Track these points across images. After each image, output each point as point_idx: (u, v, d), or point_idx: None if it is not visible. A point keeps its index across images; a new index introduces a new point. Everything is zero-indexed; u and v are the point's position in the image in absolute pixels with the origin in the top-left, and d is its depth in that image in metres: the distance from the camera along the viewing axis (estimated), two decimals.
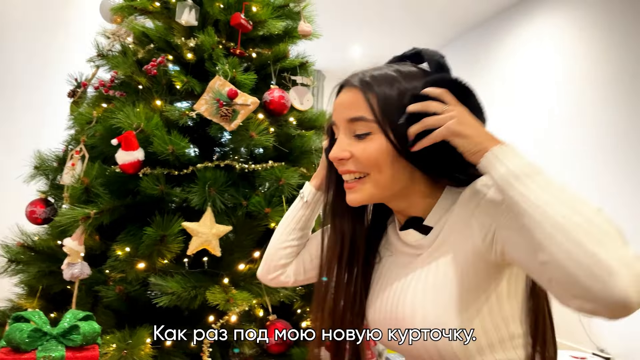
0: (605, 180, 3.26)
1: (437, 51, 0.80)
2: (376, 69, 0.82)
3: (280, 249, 1.01)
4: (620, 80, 3.22)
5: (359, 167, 0.79)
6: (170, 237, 1.47)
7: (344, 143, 0.80)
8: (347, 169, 0.81)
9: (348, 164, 0.80)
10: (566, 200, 0.60)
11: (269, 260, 1.02)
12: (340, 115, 0.82)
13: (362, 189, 0.81)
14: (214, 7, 1.73)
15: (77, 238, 1.46)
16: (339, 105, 0.83)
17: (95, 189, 1.52)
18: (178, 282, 1.47)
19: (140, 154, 1.50)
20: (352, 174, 0.81)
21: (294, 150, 1.79)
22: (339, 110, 0.82)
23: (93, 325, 1.09)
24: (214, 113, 1.56)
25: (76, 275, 1.45)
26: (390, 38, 5.00)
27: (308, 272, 1.01)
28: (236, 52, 1.72)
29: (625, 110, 3.17)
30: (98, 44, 1.87)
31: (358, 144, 0.79)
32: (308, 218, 1.01)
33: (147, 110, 1.56)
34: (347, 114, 0.80)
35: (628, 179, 3.12)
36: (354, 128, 0.80)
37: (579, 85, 3.56)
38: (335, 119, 0.84)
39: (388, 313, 0.83)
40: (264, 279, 1.04)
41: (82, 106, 1.83)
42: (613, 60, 3.30)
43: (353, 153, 0.79)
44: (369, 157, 0.78)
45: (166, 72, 1.68)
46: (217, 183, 1.54)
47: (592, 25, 3.48)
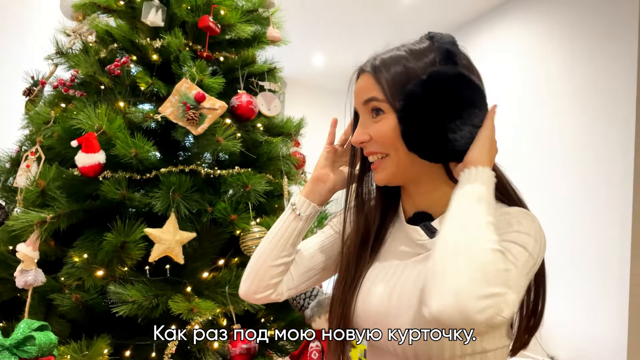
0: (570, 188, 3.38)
1: (449, 36, 0.81)
2: (388, 50, 0.84)
3: (271, 267, 0.92)
4: (583, 93, 3.35)
5: (379, 147, 0.82)
6: (132, 244, 1.41)
7: (363, 126, 0.83)
8: (370, 151, 0.84)
9: (370, 145, 0.83)
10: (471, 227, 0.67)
11: (257, 280, 0.93)
12: (357, 101, 0.85)
13: (385, 167, 0.83)
14: (181, 9, 1.69)
15: (31, 243, 1.38)
16: (356, 92, 0.86)
17: (52, 192, 1.45)
18: (139, 290, 1.42)
19: (102, 156, 1.44)
20: (375, 155, 0.84)
21: (261, 157, 1.76)
22: (356, 96, 0.85)
23: (49, 335, 1.04)
24: (180, 116, 1.52)
25: (30, 282, 1.37)
26: (354, 47, 5.04)
27: (301, 284, 0.96)
28: (203, 55, 1.68)
29: (587, 121, 3.30)
30: (57, 42, 1.80)
31: (374, 125, 0.82)
32: (300, 232, 0.94)
33: (109, 112, 1.50)
34: (361, 97, 0.83)
35: (589, 186, 3.23)
36: (369, 110, 0.82)
37: (540, 98, 3.68)
38: (355, 106, 0.87)
39: (381, 307, 0.82)
40: (250, 298, 0.95)
41: (39, 105, 1.75)
42: (575, 75, 3.43)
43: (371, 134, 0.82)
44: (384, 136, 0.80)
45: (130, 72, 1.63)
46: (181, 188, 1.50)
47: (553, 39, 3.61)
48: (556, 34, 3.55)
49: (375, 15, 4.36)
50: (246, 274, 0.95)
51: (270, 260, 0.92)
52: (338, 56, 5.49)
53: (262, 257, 0.93)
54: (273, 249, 0.93)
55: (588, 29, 3.29)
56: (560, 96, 3.48)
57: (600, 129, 3.15)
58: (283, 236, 0.93)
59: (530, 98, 3.73)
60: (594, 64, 3.23)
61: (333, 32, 4.81)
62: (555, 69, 3.53)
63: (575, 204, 3.30)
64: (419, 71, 0.77)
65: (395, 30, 4.60)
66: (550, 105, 3.55)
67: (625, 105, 2.98)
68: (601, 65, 3.18)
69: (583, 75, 3.31)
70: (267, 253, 0.93)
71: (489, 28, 4.20)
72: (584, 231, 3.21)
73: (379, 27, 4.58)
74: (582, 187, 3.25)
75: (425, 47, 0.81)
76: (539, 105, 3.66)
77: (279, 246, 0.92)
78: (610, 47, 3.12)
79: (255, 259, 0.94)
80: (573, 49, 3.40)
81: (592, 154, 3.20)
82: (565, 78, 3.45)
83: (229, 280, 1.54)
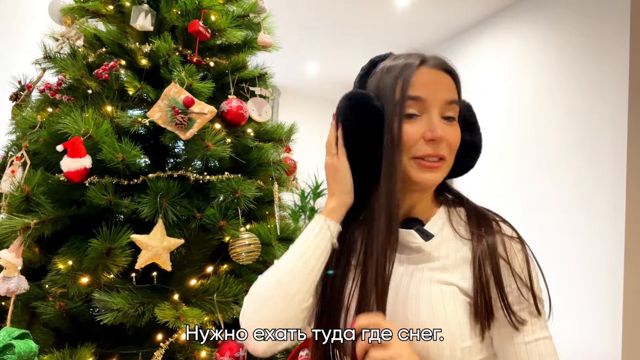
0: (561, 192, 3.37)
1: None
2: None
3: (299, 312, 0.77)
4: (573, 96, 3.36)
5: (446, 150, 0.81)
6: (118, 250, 1.38)
7: (438, 124, 0.79)
8: (438, 152, 0.80)
9: (441, 146, 0.80)
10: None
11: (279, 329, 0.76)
12: (437, 94, 0.80)
13: (443, 170, 0.82)
14: (171, 13, 1.67)
15: (14, 250, 1.35)
16: (435, 83, 0.80)
17: (37, 198, 1.42)
18: (124, 297, 1.39)
19: (88, 161, 1.42)
20: (436, 157, 0.80)
21: (251, 162, 1.74)
22: (435, 88, 0.80)
23: (29, 344, 1.01)
24: (169, 121, 1.50)
25: (12, 290, 1.34)
26: (348, 56, 5.05)
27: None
28: (193, 60, 1.67)
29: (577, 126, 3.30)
30: (45, 46, 1.77)
31: (449, 128, 0.80)
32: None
33: (96, 116, 1.47)
34: (447, 95, 0.80)
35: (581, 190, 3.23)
36: (446, 111, 0.80)
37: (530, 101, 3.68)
38: (426, 96, 0.79)
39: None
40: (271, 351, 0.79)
41: (26, 110, 1.72)
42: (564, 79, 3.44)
43: (446, 136, 0.79)
44: (456, 142, 0.82)
45: (118, 77, 1.61)
46: (169, 194, 1.47)
47: (544, 43, 3.62)
48: (546, 38, 3.56)
49: (369, 25, 4.38)
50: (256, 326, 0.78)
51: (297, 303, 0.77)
52: (332, 65, 5.50)
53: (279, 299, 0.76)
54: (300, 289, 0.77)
55: (578, 32, 3.31)
56: (551, 99, 3.49)
57: (590, 133, 3.16)
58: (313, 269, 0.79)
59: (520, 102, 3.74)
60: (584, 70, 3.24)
61: (327, 41, 4.82)
62: (545, 74, 3.54)
63: (567, 208, 3.29)
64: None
65: (389, 42, 4.61)
66: (541, 109, 3.56)
67: (616, 108, 2.99)
68: (591, 68, 3.19)
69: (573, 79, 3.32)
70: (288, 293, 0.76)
71: (482, 35, 4.22)
72: (577, 236, 3.20)
73: (373, 38, 4.59)
74: (574, 191, 3.25)
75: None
76: (529, 109, 3.66)
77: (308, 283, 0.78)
78: (601, 51, 3.13)
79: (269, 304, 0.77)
80: (562, 53, 3.42)
81: (583, 158, 3.20)
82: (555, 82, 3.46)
83: (217, 288, 1.52)
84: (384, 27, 4.41)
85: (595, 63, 3.16)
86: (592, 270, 3.07)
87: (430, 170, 0.80)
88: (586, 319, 3.10)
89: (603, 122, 3.06)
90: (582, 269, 3.15)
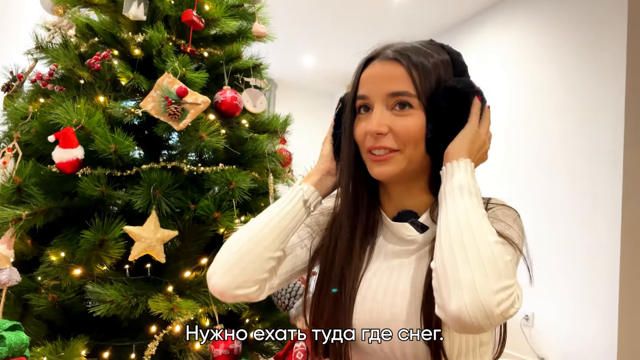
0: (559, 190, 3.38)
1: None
2: (403, 43, 0.82)
3: (267, 259, 0.79)
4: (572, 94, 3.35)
5: (397, 142, 0.77)
6: (111, 242, 1.37)
7: (384, 117, 0.77)
8: (381, 145, 0.78)
9: (384, 139, 0.77)
10: (472, 222, 0.66)
11: (247, 272, 0.78)
12: (378, 89, 0.78)
13: (395, 162, 0.78)
14: (164, 3, 1.65)
15: (6, 242, 1.34)
16: (376, 78, 0.79)
17: (29, 189, 1.41)
18: (118, 289, 1.38)
19: (80, 152, 1.40)
20: (384, 149, 0.78)
21: (246, 154, 1.73)
22: (376, 83, 0.78)
23: (21, 335, 1.00)
24: (162, 111, 1.48)
25: (4, 282, 1.32)
26: (344, 49, 5.03)
27: (281, 284, 0.86)
28: (187, 50, 1.65)
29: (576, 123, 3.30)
30: (37, 36, 1.75)
31: (397, 119, 0.77)
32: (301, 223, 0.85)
33: (88, 107, 1.46)
34: (388, 87, 0.77)
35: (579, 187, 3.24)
36: (393, 102, 0.77)
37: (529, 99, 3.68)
38: (369, 93, 0.79)
39: (375, 308, 0.80)
40: (229, 294, 0.79)
41: (17, 101, 1.70)
42: (564, 76, 3.43)
43: (392, 128, 0.77)
44: (410, 133, 0.76)
45: (111, 67, 1.59)
46: (163, 185, 1.46)
47: (542, 40, 3.61)
48: (545, 35, 3.55)
49: (366, 18, 4.36)
50: (227, 264, 0.79)
51: (268, 250, 0.79)
52: (328, 58, 5.48)
53: (257, 246, 0.79)
54: (275, 238, 0.80)
55: (576, 31, 3.30)
56: (549, 98, 3.48)
57: (589, 131, 3.16)
58: (288, 225, 0.81)
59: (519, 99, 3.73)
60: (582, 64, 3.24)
61: (323, 34, 4.80)
62: (544, 65, 3.54)
63: (565, 205, 3.29)
64: (444, 75, 0.78)
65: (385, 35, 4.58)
66: (539, 107, 3.56)
67: (615, 105, 2.98)
68: (590, 65, 3.19)
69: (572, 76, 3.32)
70: (265, 241, 0.79)
71: (478, 30, 4.20)
72: (574, 233, 3.21)
73: (369, 30, 4.57)
74: (571, 189, 3.25)
75: (441, 53, 0.82)
76: (528, 107, 3.66)
77: (281, 235, 0.80)
78: (599, 48, 3.13)
79: (244, 246, 0.79)
80: (561, 50, 3.41)
81: (581, 155, 3.20)
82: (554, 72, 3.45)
83: None
84: (381, 21, 4.39)
85: (593, 49, 3.15)
86: (588, 267, 3.08)
87: (379, 163, 0.79)
88: (583, 314, 3.11)
89: (601, 119, 3.06)
90: (580, 266, 3.16)
